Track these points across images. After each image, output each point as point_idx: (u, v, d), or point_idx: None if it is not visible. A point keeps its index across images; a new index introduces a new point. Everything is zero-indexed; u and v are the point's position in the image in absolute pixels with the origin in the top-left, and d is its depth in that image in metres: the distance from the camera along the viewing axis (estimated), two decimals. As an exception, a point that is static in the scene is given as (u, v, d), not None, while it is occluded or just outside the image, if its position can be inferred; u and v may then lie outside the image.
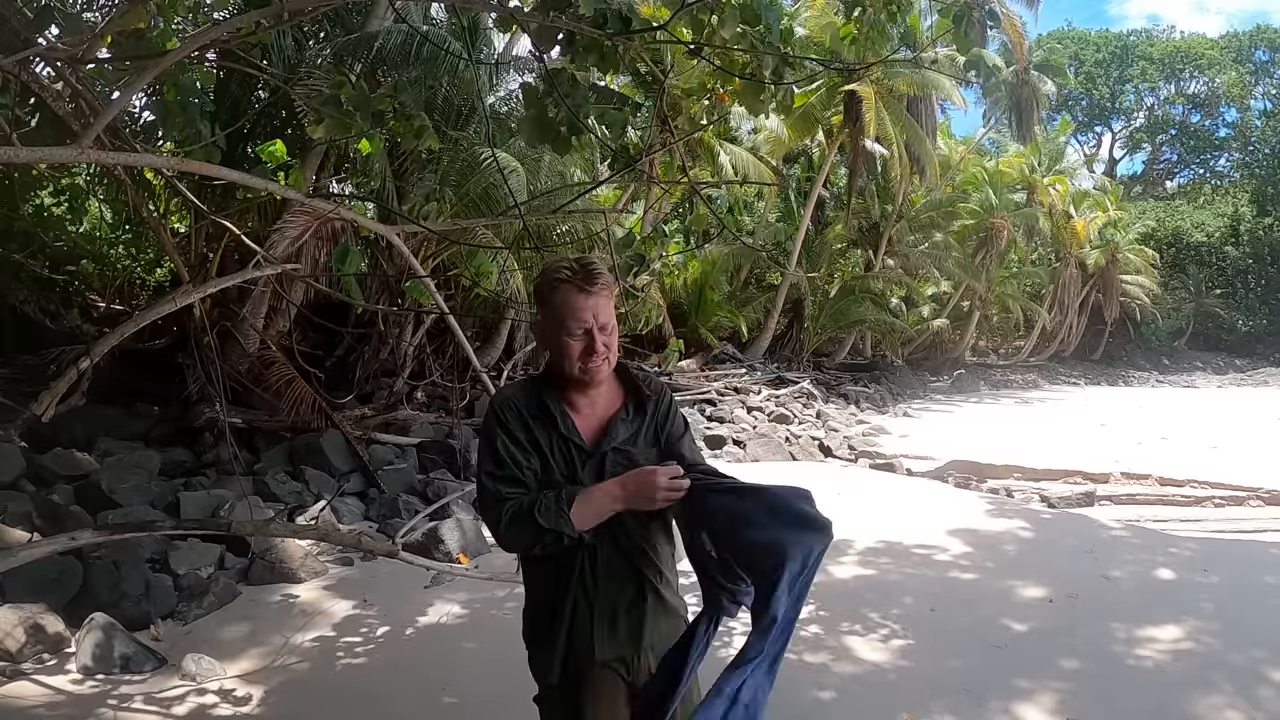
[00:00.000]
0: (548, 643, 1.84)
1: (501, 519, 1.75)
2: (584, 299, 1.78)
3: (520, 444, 1.80)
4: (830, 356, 21.77)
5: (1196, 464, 10.16)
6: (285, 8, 3.89)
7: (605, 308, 1.80)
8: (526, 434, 1.81)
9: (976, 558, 6.13)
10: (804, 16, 16.20)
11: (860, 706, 3.65)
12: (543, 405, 1.85)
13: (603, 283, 1.80)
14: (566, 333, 1.79)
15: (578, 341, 1.79)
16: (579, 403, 1.88)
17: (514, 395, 1.88)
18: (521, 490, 1.77)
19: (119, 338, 6.01)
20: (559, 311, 1.79)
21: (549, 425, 1.83)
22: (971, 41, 3.15)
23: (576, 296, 1.79)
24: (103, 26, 4.25)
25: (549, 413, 1.84)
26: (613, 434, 1.87)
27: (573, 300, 1.78)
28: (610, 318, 1.82)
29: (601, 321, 1.79)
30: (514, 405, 1.85)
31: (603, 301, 1.80)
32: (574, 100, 2.81)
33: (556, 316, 1.80)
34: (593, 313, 1.78)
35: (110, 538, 4.29)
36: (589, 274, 1.79)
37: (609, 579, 1.82)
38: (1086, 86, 47.23)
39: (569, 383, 1.85)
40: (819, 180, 19.41)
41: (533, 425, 1.82)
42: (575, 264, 1.82)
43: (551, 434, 1.83)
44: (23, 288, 8.03)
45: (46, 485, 5.57)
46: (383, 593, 5.05)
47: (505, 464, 1.78)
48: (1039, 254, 32.16)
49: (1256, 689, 3.83)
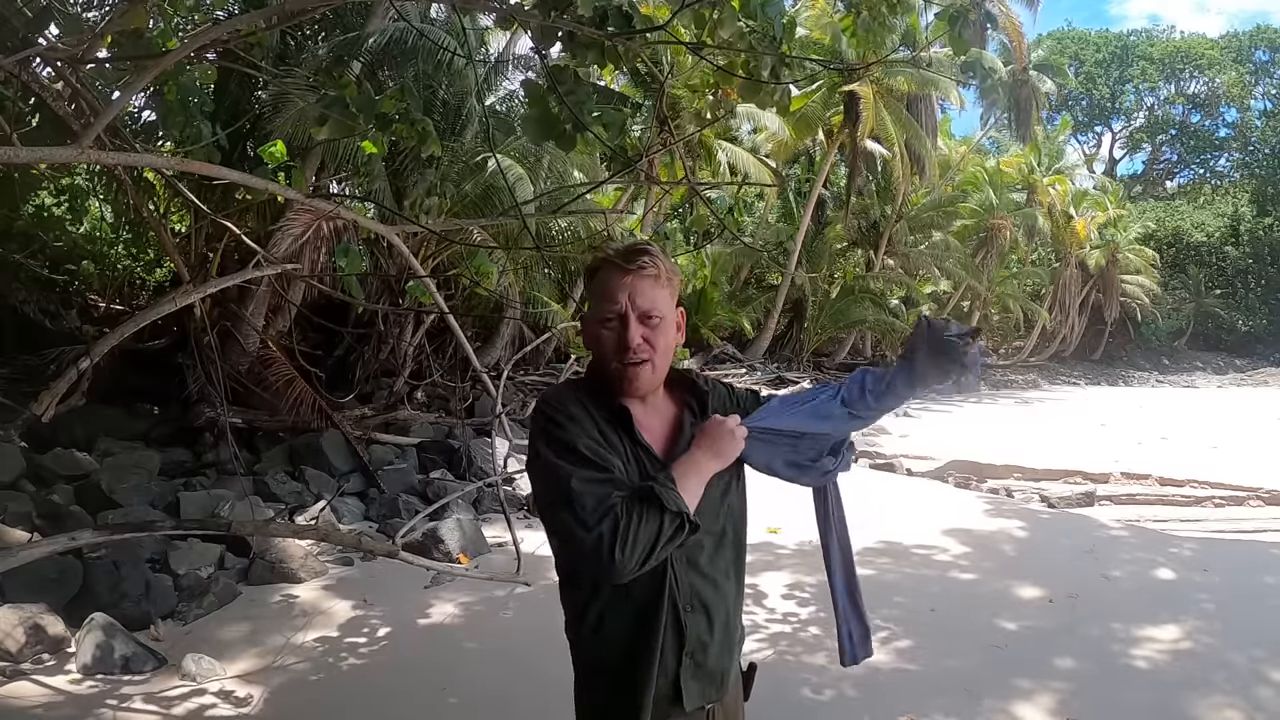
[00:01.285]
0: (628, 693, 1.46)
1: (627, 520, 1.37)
2: (619, 276, 1.48)
3: (601, 442, 1.47)
4: (830, 356, 21.78)
5: (1196, 464, 10.16)
6: (285, 8, 3.90)
7: (648, 292, 1.48)
8: (601, 435, 1.48)
9: (976, 558, 6.13)
10: (804, 16, 16.21)
11: (859, 707, 3.65)
12: (609, 405, 1.52)
13: (645, 261, 1.49)
14: (599, 320, 1.50)
15: (609, 331, 1.49)
16: (638, 411, 1.55)
17: (573, 392, 1.55)
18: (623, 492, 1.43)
19: (119, 338, 6.02)
20: (595, 298, 1.52)
21: (624, 429, 1.51)
22: (968, 43, 3.15)
23: (613, 274, 1.49)
24: (103, 26, 4.26)
25: (623, 414, 1.51)
26: (683, 440, 1.56)
27: (608, 280, 1.49)
28: (656, 305, 1.48)
29: (642, 307, 1.47)
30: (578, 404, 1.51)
31: (644, 283, 1.48)
32: (577, 98, 2.81)
33: (593, 305, 1.53)
34: (629, 295, 1.47)
35: (110, 538, 4.29)
36: (631, 250, 1.51)
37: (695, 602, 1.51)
38: (1086, 86, 47.24)
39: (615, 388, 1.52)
40: (819, 180, 19.42)
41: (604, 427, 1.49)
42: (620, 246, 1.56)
43: (625, 440, 1.50)
44: (23, 288, 8.04)
45: (46, 485, 5.57)
46: (383, 593, 5.05)
47: (598, 464, 1.43)
48: (1039, 254, 32.19)
49: (1256, 689, 3.83)
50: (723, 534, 1.57)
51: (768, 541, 6.19)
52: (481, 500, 7.26)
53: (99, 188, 8.85)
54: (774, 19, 2.80)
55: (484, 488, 7.31)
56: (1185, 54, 47.07)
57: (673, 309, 1.54)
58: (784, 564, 5.70)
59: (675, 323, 1.55)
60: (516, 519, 6.42)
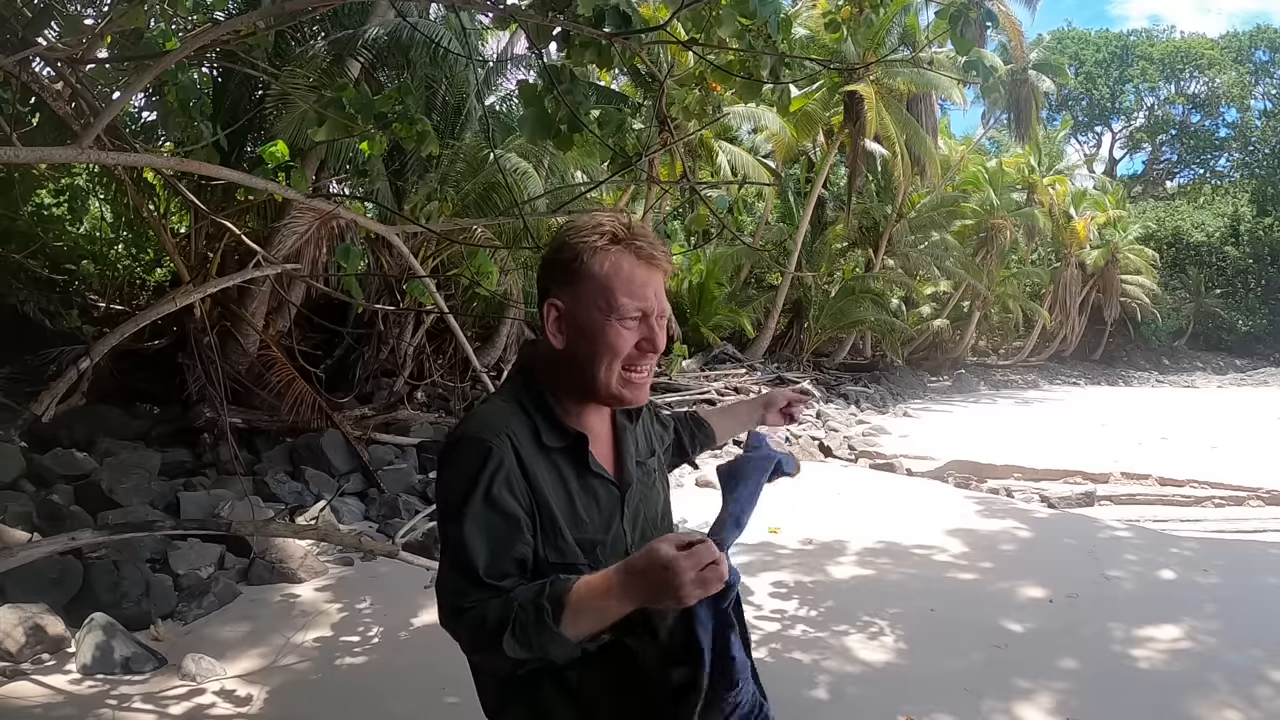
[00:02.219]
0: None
1: (459, 634, 1.20)
2: (645, 270, 1.24)
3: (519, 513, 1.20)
4: (830, 356, 21.77)
5: (1196, 464, 10.16)
6: (285, 8, 3.90)
7: (663, 290, 1.29)
8: (530, 490, 1.22)
9: (976, 558, 6.13)
10: (805, 16, 16.21)
11: (859, 707, 3.65)
12: (561, 428, 1.27)
13: (668, 256, 1.29)
14: (617, 314, 1.22)
15: (632, 331, 1.24)
16: (593, 421, 1.33)
17: (507, 418, 1.25)
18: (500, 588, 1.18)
19: (119, 338, 6.01)
20: (605, 287, 1.22)
21: (574, 459, 1.27)
22: (970, 43, 3.15)
23: (635, 265, 1.23)
24: (103, 26, 4.26)
25: (579, 440, 1.28)
26: (627, 451, 1.37)
27: (631, 270, 1.23)
28: (667, 305, 1.30)
29: (662, 307, 1.27)
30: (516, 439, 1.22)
31: (663, 281, 1.29)
32: (574, 97, 2.81)
33: (599, 294, 1.23)
34: (655, 289, 1.25)
35: (110, 538, 4.29)
36: (651, 239, 1.26)
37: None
38: (1086, 86, 47.25)
39: (587, 400, 1.29)
40: (819, 180, 19.42)
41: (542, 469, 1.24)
42: (623, 225, 1.25)
43: (570, 475, 1.27)
44: (23, 288, 8.03)
45: (46, 485, 5.57)
46: (383, 593, 5.05)
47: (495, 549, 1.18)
48: (1039, 254, 32.19)
49: (1256, 689, 3.83)
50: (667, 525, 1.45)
51: (767, 541, 6.19)
52: (481, 500, 7.25)
53: (99, 188, 8.85)
54: (770, 18, 2.81)
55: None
56: (1185, 54, 47.06)
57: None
58: (783, 564, 5.70)
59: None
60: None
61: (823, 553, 6.06)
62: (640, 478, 1.38)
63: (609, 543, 1.29)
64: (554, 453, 1.26)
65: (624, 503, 1.32)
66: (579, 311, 1.25)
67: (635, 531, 1.33)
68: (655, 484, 1.42)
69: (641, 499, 1.37)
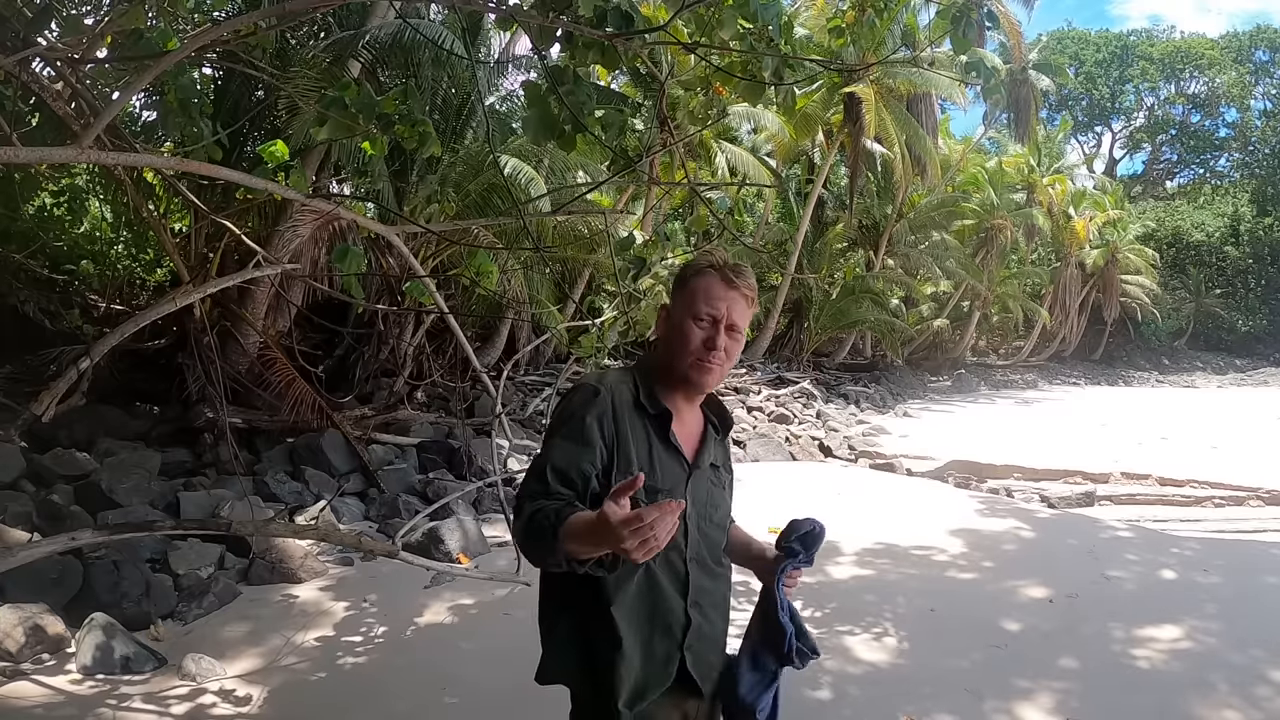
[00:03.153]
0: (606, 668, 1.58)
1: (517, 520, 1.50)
2: (724, 288, 1.67)
3: (597, 443, 1.57)
4: (830, 356, 21.77)
5: (1196, 464, 10.17)
6: (285, 8, 3.89)
7: (742, 310, 1.69)
8: (616, 433, 1.59)
9: (976, 558, 6.13)
10: (804, 16, 16.20)
11: (860, 706, 3.65)
12: (656, 400, 1.68)
13: (748, 285, 1.70)
14: (694, 316, 1.66)
15: (702, 330, 1.65)
16: (682, 409, 1.73)
17: (616, 382, 1.68)
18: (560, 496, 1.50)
19: (119, 338, 6.00)
20: (692, 296, 1.68)
21: (659, 428, 1.66)
22: (971, 43, 3.15)
23: (718, 284, 1.68)
24: (103, 26, 4.25)
25: (665, 412, 1.67)
26: (707, 448, 1.75)
27: (712, 286, 1.67)
28: (742, 323, 1.70)
29: (732, 319, 1.67)
30: (618, 394, 1.64)
31: (742, 304, 1.69)
32: (577, 98, 2.81)
33: (688, 302, 1.68)
34: (728, 305, 1.67)
35: (110, 538, 4.29)
36: (737, 269, 1.70)
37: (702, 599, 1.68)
38: (1086, 86, 47.25)
39: (674, 383, 1.70)
40: (819, 180, 19.42)
41: (635, 424, 1.63)
42: (725, 260, 1.71)
43: (656, 438, 1.65)
44: (23, 288, 8.04)
45: (46, 485, 5.57)
46: (383, 593, 5.05)
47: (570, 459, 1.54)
48: (1039, 254, 32.18)
49: (1256, 689, 3.83)
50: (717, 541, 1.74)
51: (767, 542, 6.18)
52: (481, 500, 7.26)
53: (99, 188, 8.85)
54: (771, 20, 2.80)
55: (484, 488, 7.31)
56: (1185, 54, 47.06)
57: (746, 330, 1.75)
58: (784, 564, 5.69)
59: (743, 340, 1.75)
60: (516, 519, 6.41)
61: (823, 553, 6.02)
62: (710, 474, 1.73)
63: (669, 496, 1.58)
64: (646, 416, 1.65)
65: (689, 480, 1.66)
66: (675, 311, 1.70)
67: (694, 508, 1.66)
68: (723, 488, 1.78)
69: (705, 490, 1.70)
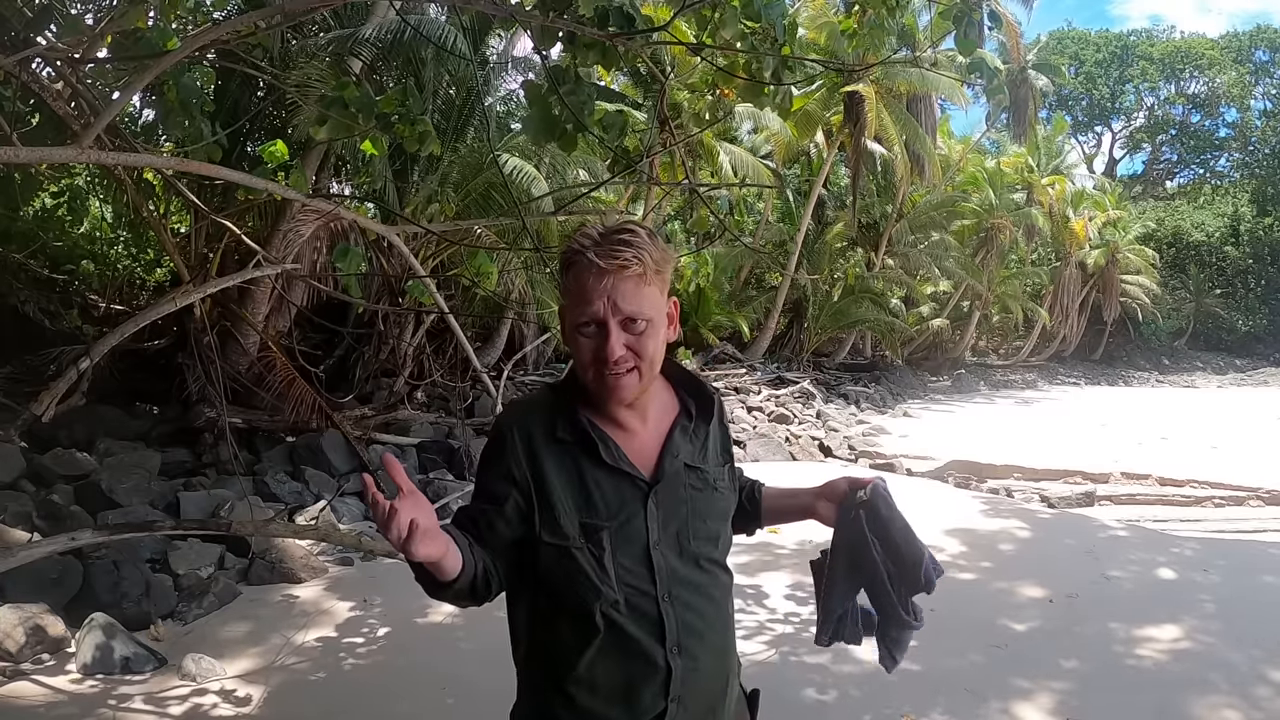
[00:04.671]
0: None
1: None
2: (594, 277, 1.28)
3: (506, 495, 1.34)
4: (830, 356, 21.77)
5: (1196, 464, 10.16)
6: (286, 8, 3.89)
7: (632, 293, 1.28)
8: (531, 477, 1.34)
9: (976, 558, 6.13)
10: (803, 16, 16.20)
11: (860, 706, 3.65)
12: (575, 425, 1.36)
13: (627, 257, 1.27)
14: (575, 324, 1.32)
15: (590, 339, 1.30)
16: (624, 417, 1.39)
17: (530, 412, 1.41)
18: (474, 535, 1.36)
19: (119, 338, 6.01)
20: (569, 299, 1.33)
21: (587, 454, 1.35)
22: (974, 43, 3.15)
23: (585, 273, 1.29)
24: (103, 26, 4.26)
25: (586, 436, 1.36)
26: (673, 449, 1.39)
27: (584, 281, 1.29)
28: (641, 308, 1.29)
29: (626, 311, 1.28)
30: (533, 429, 1.36)
31: (629, 284, 1.28)
32: (578, 98, 2.81)
33: (569, 306, 1.34)
34: (607, 298, 1.28)
35: (110, 538, 4.29)
36: (606, 240, 1.29)
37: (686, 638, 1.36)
38: (1086, 86, 47.24)
39: (595, 398, 1.37)
40: (819, 180, 19.42)
41: (556, 458, 1.35)
42: (597, 231, 1.32)
43: (589, 466, 1.35)
44: (23, 288, 8.04)
45: (46, 485, 5.57)
46: (383, 593, 5.05)
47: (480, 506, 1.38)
48: (1039, 254, 32.17)
49: (1255, 689, 3.83)
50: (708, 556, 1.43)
51: (767, 541, 6.18)
52: (481, 500, 7.24)
53: (99, 188, 8.85)
54: (775, 21, 2.80)
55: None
56: (1185, 54, 47.04)
57: (663, 305, 1.34)
58: (783, 564, 5.69)
59: (668, 317, 1.36)
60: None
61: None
62: (686, 478, 1.40)
63: (620, 530, 1.33)
64: (567, 445, 1.36)
65: (648, 499, 1.35)
66: (563, 322, 1.38)
67: (667, 530, 1.36)
68: (713, 489, 1.43)
69: (683, 499, 1.38)
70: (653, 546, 1.34)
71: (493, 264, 6.78)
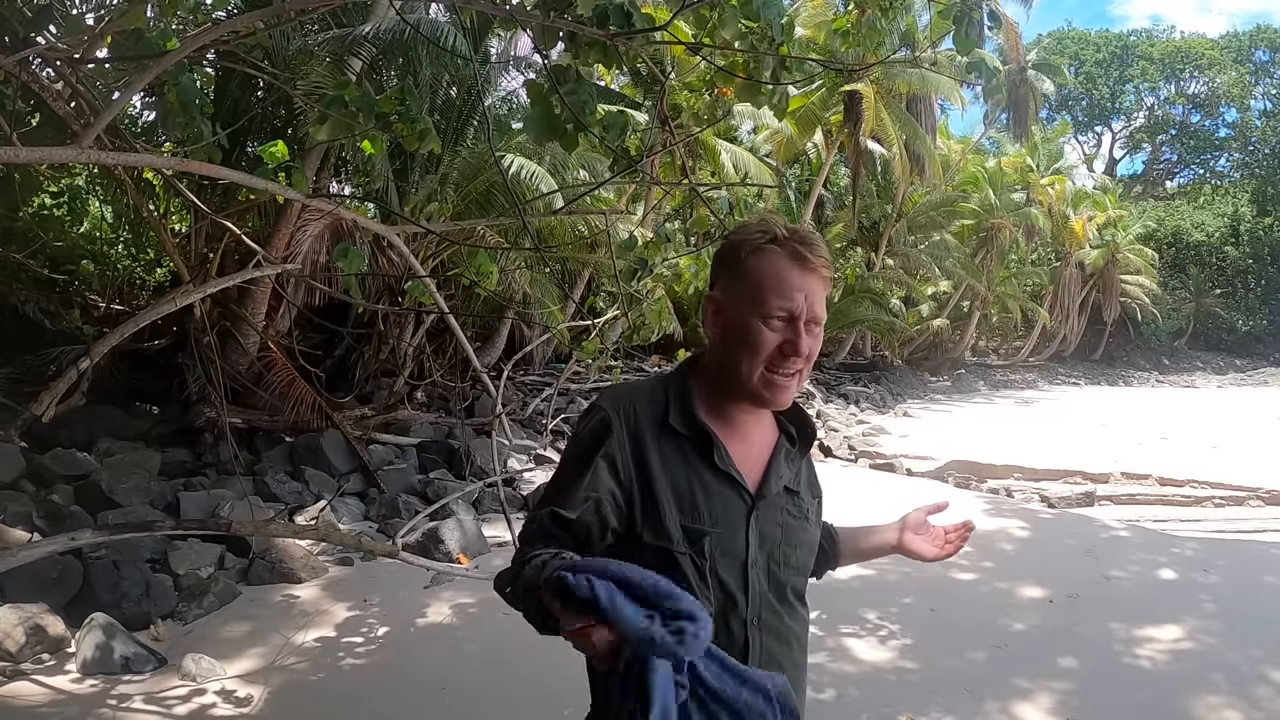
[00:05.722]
0: None
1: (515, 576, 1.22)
2: (798, 272, 1.25)
3: (607, 488, 1.23)
4: (830, 356, 21.78)
5: (1196, 464, 10.16)
6: (285, 8, 3.89)
7: (822, 297, 1.28)
8: (636, 470, 1.24)
9: (976, 558, 6.13)
10: (802, 15, 16.20)
11: (860, 706, 3.65)
12: (690, 418, 1.28)
13: (826, 261, 1.28)
14: (763, 314, 1.24)
15: (776, 332, 1.25)
16: (743, 423, 1.33)
17: (637, 397, 1.30)
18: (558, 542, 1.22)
19: (119, 338, 6.01)
20: (757, 286, 1.25)
21: (699, 452, 1.27)
22: (973, 44, 3.15)
23: (788, 266, 1.25)
24: (103, 26, 4.25)
25: (703, 432, 1.28)
26: (778, 472, 1.33)
27: (782, 271, 1.25)
28: (823, 310, 1.29)
29: (814, 313, 1.27)
30: (640, 418, 1.27)
31: (821, 288, 1.28)
32: (579, 98, 2.80)
33: (751, 294, 1.26)
34: (806, 294, 1.25)
35: (110, 538, 4.29)
36: (808, 241, 1.27)
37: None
38: (1086, 86, 47.24)
39: (735, 396, 1.30)
40: (819, 180, 19.42)
41: (666, 452, 1.25)
42: (787, 228, 1.28)
43: (699, 466, 1.26)
44: (23, 288, 8.03)
45: (46, 485, 5.57)
46: (383, 593, 5.05)
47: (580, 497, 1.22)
48: (1039, 254, 32.18)
49: (1256, 689, 3.83)
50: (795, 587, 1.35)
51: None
52: (482, 500, 7.26)
53: (99, 188, 8.85)
54: (773, 20, 2.80)
55: (484, 488, 7.32)
56: (1185, 54, 47.04)
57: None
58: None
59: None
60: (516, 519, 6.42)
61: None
62: (785, 503, 1.33)
63: (720, 540, 1.25)
64: (681, 438, 1.27)
65: (751, 514, 1.28)
66: (731, 307, 1.29)
67: (762, 550, 1.29)
68: (805, 519, 1.37)
69: (778, 523, 1.31)
70: (750, 565, 1.27)
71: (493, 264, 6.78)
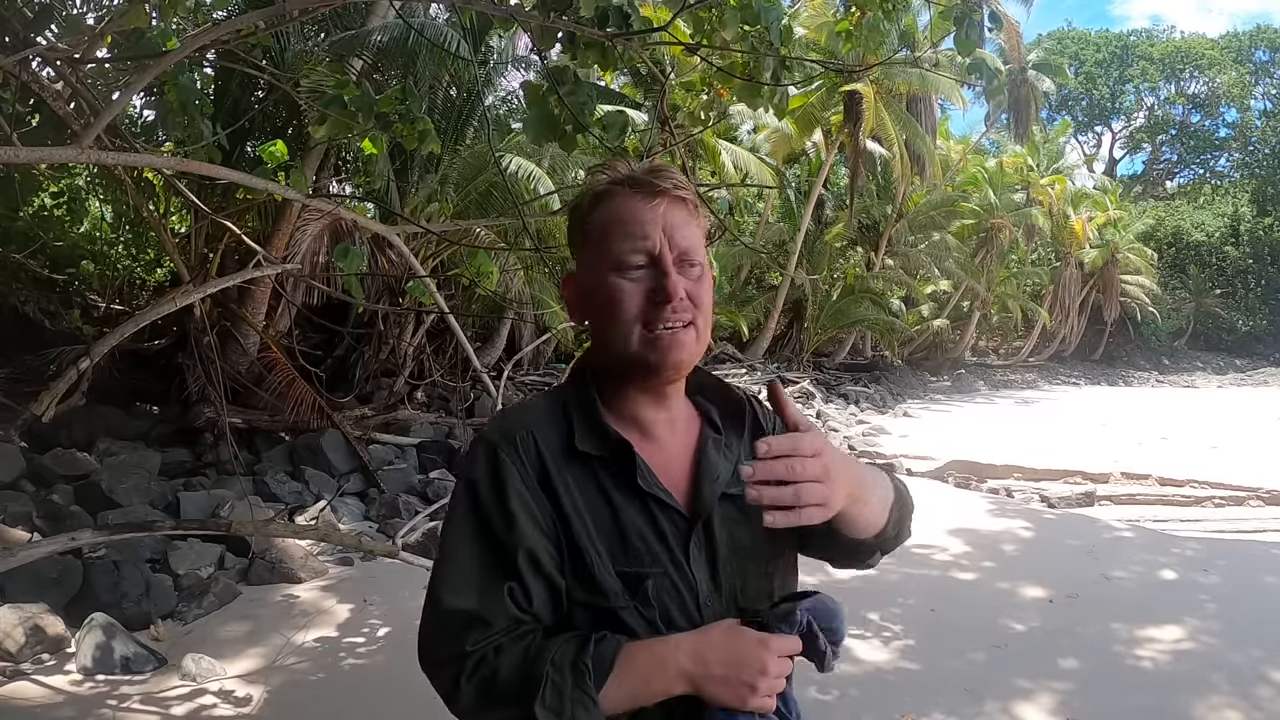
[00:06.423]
0: None
1: (459, 688, 0.92)
2: (646, 205, 1.00)
3: (533, 526, 0.97)
4: (830, 356, 21.77)
5: (1196, 464, 10.16)
6: (286, 8, 3.89)
7: (685, 225, 1.02)
8: (552, 504, 0.98)
9: (976, 558, 6.13)
10: (802, 16, 16.20)
11: (860, 706, 3.65)
12: (600, 429, 1.02)
13: (679, 184, 1.03)
14: (617, 265, 1.00)
15: (639, 281, 1.00)
16: (651, 420, 1.06)
17: (527, 425, 1.02)
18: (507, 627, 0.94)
19: (119, 338, 6.01)
20: (603, 235, 1.02)
21: (615, 475, 1.00)
22: (974, 44, 3.15)
23: (634, 201, 1.01)
24: (103, 26, 4.25)
25: (621, 445, 1.01)
26: (709, 471, 1.05)
27: (628, 210, 1.01)
28: (696, 246, 1.03)
29: (682, 245, 1.01)
30: (527, 446, 1.00)
31: (682, 214, 1.02)
32: (578, 98, 2.81)
33: (598, 246, 1.02)
34: (664, 226, 1.00)
35: (110, 538, 4.29)
36: (655, 169, 1.03)
37: None
38: (1086, 86, 47.26)
39: (627, 380, 1.04)
40: (819, 180, 19.43)
41: (577, 481, 1.00)
42: (631, 164, 1.06)
43: (618, 491, 1.00)
44: (23, 288, 8.03)
45: (46, 485, 5.58)
46: (383, 593, 5.05)
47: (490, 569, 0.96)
48: (1039, 254, 32.19)
49: (1256, 689, 3.83)
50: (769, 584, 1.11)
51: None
52: (481, 500, 7.25)
53: (99, 188, 8.85)
54: (772, 23, 2.81)
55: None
56: (1185, 54, 47.05)
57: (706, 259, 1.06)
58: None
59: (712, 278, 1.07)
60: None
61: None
62: (728, 513, 1.04)
63: (664, 580, 0.99)
64: (593, 461, 1.01)
65: (692, 538, 1.01)
66: (586, 274, 1.05)
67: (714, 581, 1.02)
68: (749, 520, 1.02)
69: (724, 541, 1.03)
70: (703, 604, 1.00)
71: (492, 264, 6.79)
